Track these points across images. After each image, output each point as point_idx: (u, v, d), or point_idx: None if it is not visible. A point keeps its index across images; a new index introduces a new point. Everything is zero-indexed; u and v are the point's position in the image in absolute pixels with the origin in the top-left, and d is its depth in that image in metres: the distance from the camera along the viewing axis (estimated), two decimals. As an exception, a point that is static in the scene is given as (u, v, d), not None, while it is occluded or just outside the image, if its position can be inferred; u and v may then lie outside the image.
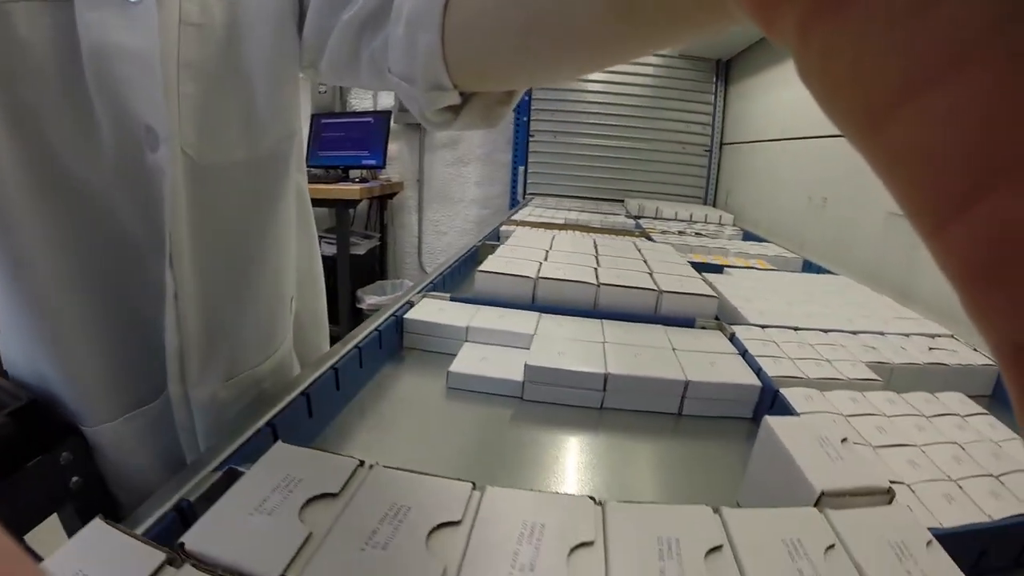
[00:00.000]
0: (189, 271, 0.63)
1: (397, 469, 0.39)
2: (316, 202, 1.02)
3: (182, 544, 0.31)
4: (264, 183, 0.71)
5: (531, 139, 3.28)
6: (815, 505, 0.41)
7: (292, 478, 0.36)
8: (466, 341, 0.82)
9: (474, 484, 0.38)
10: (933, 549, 0.36)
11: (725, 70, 3.12)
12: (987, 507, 0.49)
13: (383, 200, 3.64)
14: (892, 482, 0.43)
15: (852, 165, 1.63)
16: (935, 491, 0.52)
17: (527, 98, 3.23)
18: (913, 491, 0.52)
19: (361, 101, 3.75)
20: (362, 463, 0.39)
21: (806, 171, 1.98)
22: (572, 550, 0.33)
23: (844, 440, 0.48)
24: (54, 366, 0.63)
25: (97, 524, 0.32)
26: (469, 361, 0.75)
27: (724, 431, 0.68)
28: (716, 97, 3.14)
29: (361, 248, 3.37)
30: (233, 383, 0.72)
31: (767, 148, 2.43)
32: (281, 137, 0.70)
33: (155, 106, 0.55)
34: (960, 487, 0.53)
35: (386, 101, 3.67)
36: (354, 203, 3.15)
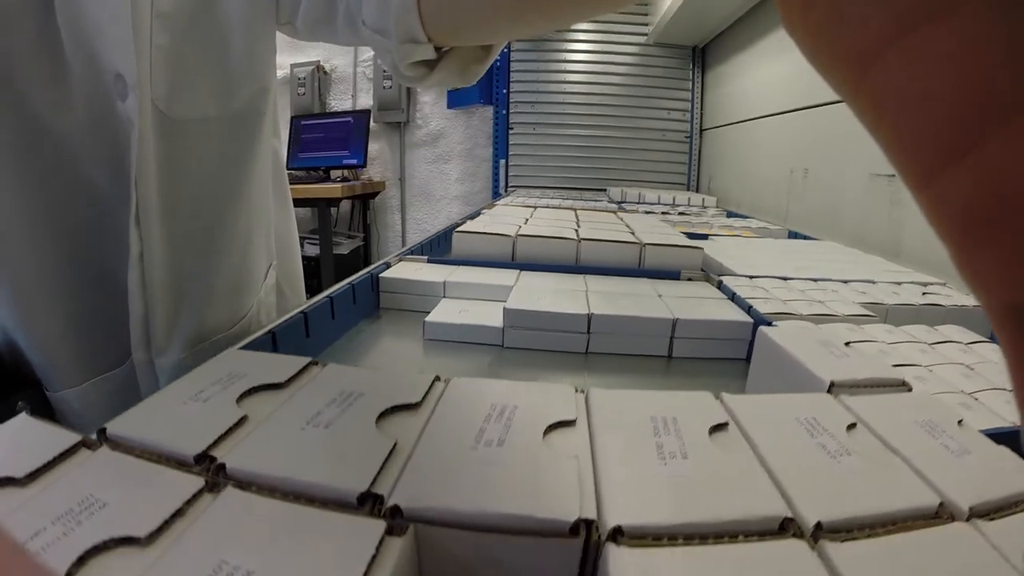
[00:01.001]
0: (156, 230, 0.61)
1: (355, 367, 0.35)
2: (298, 202, 0.99)
3: (103, 429, 0.28)
4: (237, 141, 0.69)
5: (511, 131, 3.25)
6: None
7: (236, 374, 0.33)
8: (444, 297, 0.79)
9: (438, 376, 0.35)
10: (966, 428, 0.32)
11: (701, 56, 3.10)
12: (1009, 416, 0.46)
13: (365, 200, 3.62)
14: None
15: (831, 132, 1.61)
16: (950, 401, 0.48)
17: (505, 91, 3.20)
18: (927, 402, 0.48)
19: (340, 102, 3.71)
20: (315, 362, 0.36)
21: (786, 145, 1.96)
22: (550, 428, 0.29)
23: (848, 343, 0.45)
24: (16, 324, 0.61)
25: (22, 417, 0.29)
26: (447, 312, 0.72)
27: (718, 372, 0.65)
28: (693, 84, 3.12)
29: (344, 248, 3.34)
30: (200, 349, 0.69)
31: (746, 128, 2.41)
32: (255, 92, 0.68)
33: (125, 53, 0.53)
34: (976, 399, 0.49)
35: (365, 100, 3.64)
36: (336, 202, 3.12)
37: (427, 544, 0.23)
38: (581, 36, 3.14)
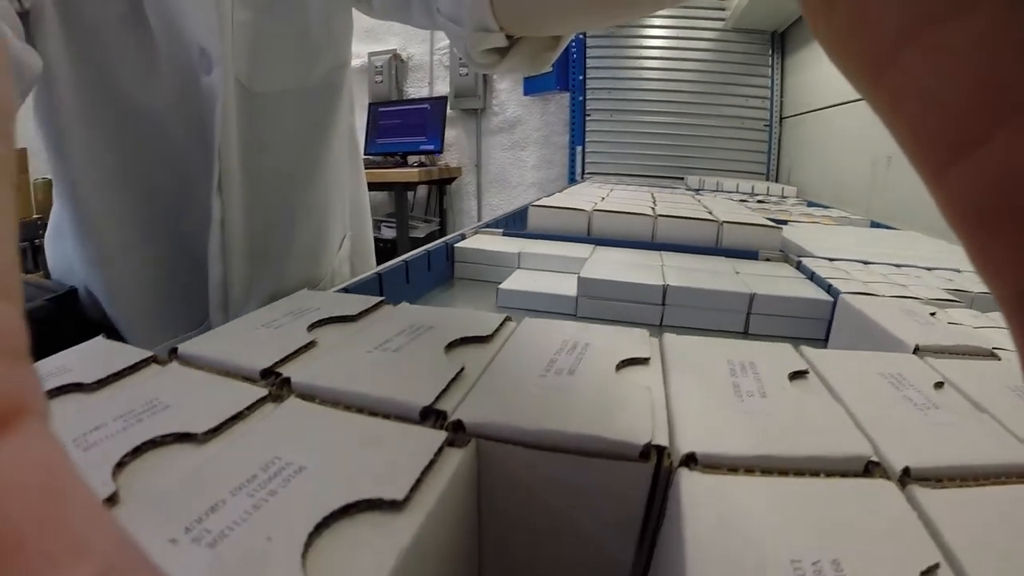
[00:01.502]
0: (237, 199, 0.63)
1: (428, 306, 0.35)
2: (375, 186, 1.01)
3: (174, 349, 0.28)
4: (316, 114, 0.71)
5: (587, 118, 3.22)
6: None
7: (309, 308, 0.33)
8: (518, 268, 0.78)
9: (509, 317, 0.34)
10: (1066, 398, 0.30)
11: (781, 42, 3.01)
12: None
13: (442, 185, 3.65)
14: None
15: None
16: (1044, 382, 0.46)
17: (581, 78, 3.18)
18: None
19: (417, 89, 3.74)
20: (387, 302, 0.36)
21: (868, 132, 1.89)
22: (622, 365, 0.29)
23: (933, 314, 0.43)
24: (101, 285, 0.64)
25: (99, 339, 0.30)
26: (520, 281, 0.71)
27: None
28: (773, 70, 3.03)
29: (421, 232, 3.37)
30: None
31: (827, 116, 2.34)
32: (332, 67, 0.70)
33: (209, 28, 0.56)
34: (1070, 380, 0.46)
35: (441, 87, 3.67)
36: (412, 186, 3.15)
37: (488, 461, 0.23)
38: (658, 21, 3.08)
